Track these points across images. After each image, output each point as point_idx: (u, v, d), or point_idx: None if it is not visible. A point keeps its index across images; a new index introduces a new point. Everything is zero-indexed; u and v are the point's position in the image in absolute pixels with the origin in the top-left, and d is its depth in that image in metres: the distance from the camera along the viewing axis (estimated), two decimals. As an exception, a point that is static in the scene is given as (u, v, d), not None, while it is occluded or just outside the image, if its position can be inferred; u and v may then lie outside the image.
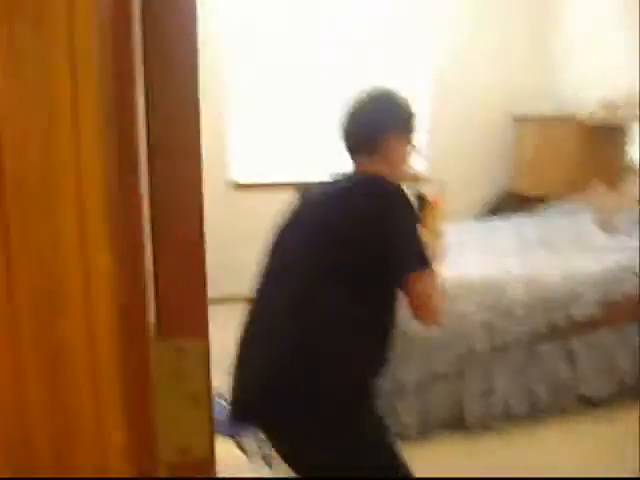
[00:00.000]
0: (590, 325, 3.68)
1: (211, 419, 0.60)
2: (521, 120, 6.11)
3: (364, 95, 2.08)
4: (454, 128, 6.18)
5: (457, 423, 3.51)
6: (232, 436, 2.52)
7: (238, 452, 2.43)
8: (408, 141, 2.09)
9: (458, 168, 6.18)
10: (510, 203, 6.19)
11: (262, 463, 2.60)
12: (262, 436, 2.96)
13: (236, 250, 5.37)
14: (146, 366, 0.54)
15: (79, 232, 0.50)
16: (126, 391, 0.52)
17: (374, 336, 1.96)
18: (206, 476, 0.59)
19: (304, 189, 2.18)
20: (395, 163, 2.04)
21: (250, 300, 2.06)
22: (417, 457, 3.24)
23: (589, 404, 3.74)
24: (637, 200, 5.10)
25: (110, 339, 0.52)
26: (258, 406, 1.86)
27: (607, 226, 4.68)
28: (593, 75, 5.81)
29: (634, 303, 3.78)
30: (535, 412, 3.62)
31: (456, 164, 6.15)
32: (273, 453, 2.88)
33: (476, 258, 4.04)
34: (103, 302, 0.52)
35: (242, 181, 5.73)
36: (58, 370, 0.53)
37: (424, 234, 1.96)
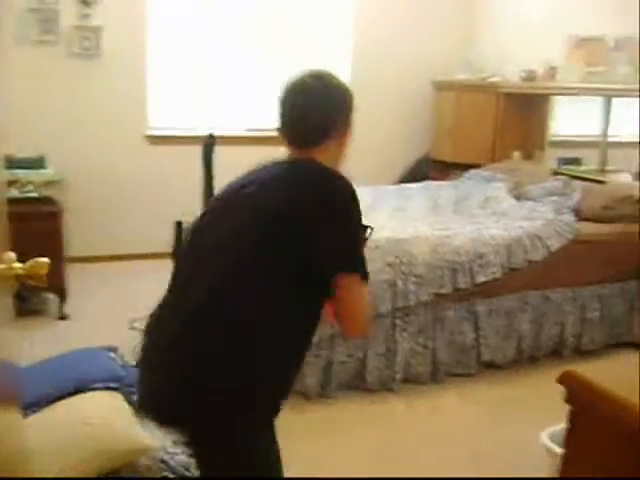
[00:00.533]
0: (494, 289, 3.74)
1: None
2: (440, 87, 6.13)
3: (307, 82, 1.89)
4: (375, 94, 6.13)
5: (358, 384, 3.53)
6: (119, 389, 2.45)
7: (127, 406, 2.37)
8: (350, 129, 1.99)
9: (379, 133, 6.17)
10: (429, 168, 6.23)
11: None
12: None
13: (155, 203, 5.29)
14: None
15: None
16: None
17: (288, 343, 1.75)
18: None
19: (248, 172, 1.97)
20: (339, 152, 1.93)
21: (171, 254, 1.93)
22: (318, 417, 3.28)
23: (490, 367, 3.81)
24: (550, 171, 5.20)
25: None
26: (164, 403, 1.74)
27: (520, 195, 4.75)
28: (514, 46, 5.85)
29: (538, 270, 3.85)
30: (436, 374, 3.67)
31: (377, 129, 6.13)
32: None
33: (386, 220, 4.05)
34: None
35: (158, 134, 5.59)
36: None
37: None
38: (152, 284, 4.21)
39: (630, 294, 4.17)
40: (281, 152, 1.90)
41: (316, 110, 1.87)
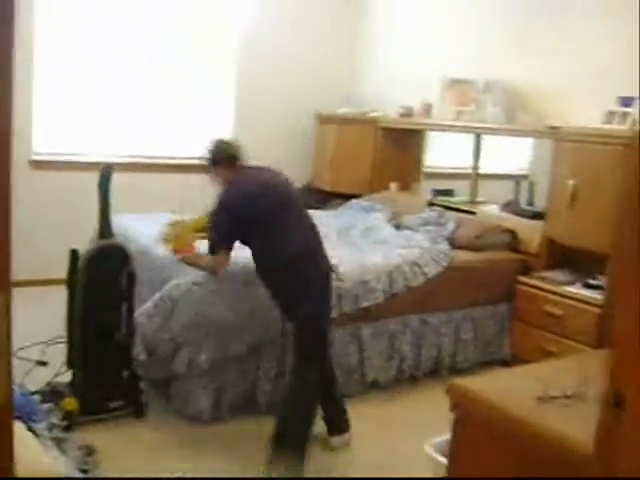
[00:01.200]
0: (377, 313, 3.96)
1: (9, 369, 0.64)
2: (323, 120, 6.39)
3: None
4: (260, 125, 6.33)
5: (249, 405, 3.63)
6: (20, 417, 2.46)
7: (29, 434, 2.38)
8: None
9: (263, 161, 6.33)
10: (311, 197, 6.44)
11: (52, 444, 2.57)
12: (54, 420, 2.93)
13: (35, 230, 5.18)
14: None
15: None
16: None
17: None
18: (5, 420, 0.63)
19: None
20: None
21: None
22: (210, 440, 3.36)
23: (374, 387, 4.02)
24: (425, 202, 5.53)
25: None
26: None
27: (399, 224, 5.02)
28: (392, 84, 6.22)
29: (417, 295, 4.12)
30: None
31: (261, 157, 6.30)
32: (64, 436, 2.85)
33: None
34: None
35: (41, 158, 5.50)
36: None
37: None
38: (42, 311, 4.21)
39: (501, 316, 4.52)
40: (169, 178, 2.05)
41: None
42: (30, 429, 2.41)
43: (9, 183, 0.66)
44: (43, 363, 3.69)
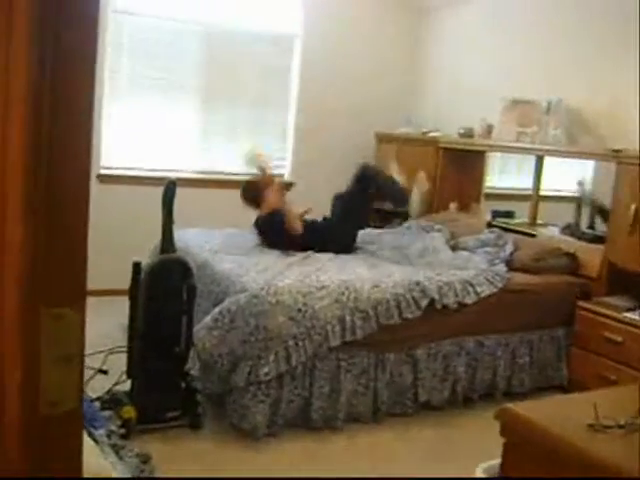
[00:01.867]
0: (431, 334, 3.97)
1: (81, 377, 0.70)
2: (383, 140, 6.43)
3: None
4: (320, 146, 6.43)
5: (303, 422, 3.68)
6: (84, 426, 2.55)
7: (89, 440, 2.46)
8: None
9: (324, 182, 6.44)
10: (371, 216, 6.47)
11: (111, 451, 2.65)
12: (113, 427, 3.02)
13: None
14: (35, 325, 0.63)
15: (2, 207, 0.59)
16: (23, 343, 0.61)
17: None
18: (76, 423, 0.69)
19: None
20: None
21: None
22: (265, 456, 3.41)
23: (426, 407, 4.02)
24: (485, 223, 5.51)
25: (13, 300, 0.60)
26: None
27: (457, 245, 5.01)
28: (453, 104, 6.22)
29: (472, 317, 4.10)
30: (377, 414, 3.85)
31: (321, 179, 6.42)
32: (121, 443, 2.94)
33: (328, 263, 4.31)
34: (13, 269, 0.60)
35: (108, 172, 5.69)
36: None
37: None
38: (105, 320, 4.34)
39: (558, 340, 4.46)
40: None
41: None
42: (90, 434, 2.50)
43: (87, 215, 0.72)
44: (104, 371, 3.81)
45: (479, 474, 2.68)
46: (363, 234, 5.40)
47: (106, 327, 4.29)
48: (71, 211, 0.70)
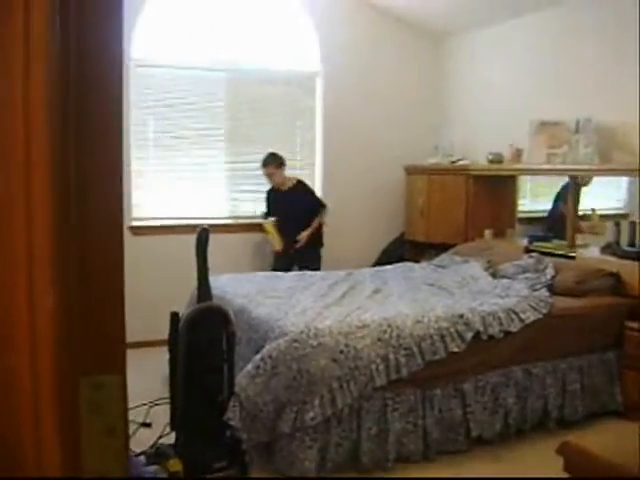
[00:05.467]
0: (477, 367, 3.86)
1: (126, 448, 0.66)
2: (412, 171, 6.40)
3: None
4: (349, 180, 6.42)
5: (353, 465, 3.58)
6: (130, 482, 2.50)
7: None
8: None
9: (354, 217, 6.41)
10: (404, 249, 6.43)
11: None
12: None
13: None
14: (74, 397, 0.59)
15: (29, 276, 0.55)
16: (61, 419, 0.57)
17: None
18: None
19: None
20: None
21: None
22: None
23: (479, 442, 3.90)
24: (522, 248, 5.41)
25: (48, 372, 0.57)
26: None
27: (496, 273, 4.93)
28: (480, 130, 6.18)
29: (518, 346, 3.99)
30: (428, 452, 3.74)
31: (352, 213, 6.39)
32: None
33: (366, 301, 4.23)
34: (45, 339, 0.57)
35: (138, 224, 5.72)
36: (6, 396, 0.57)
37: None
38: (145, 372, 4.31)
39: (609, 364, 4.32)
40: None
41: None
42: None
43: (122, 271, 0.68)
44: (147, 425, 3.77)
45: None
46: (399, 267, 5.34)
47: (145, 379, 4.25)
48: (106, 272, 0.67)
